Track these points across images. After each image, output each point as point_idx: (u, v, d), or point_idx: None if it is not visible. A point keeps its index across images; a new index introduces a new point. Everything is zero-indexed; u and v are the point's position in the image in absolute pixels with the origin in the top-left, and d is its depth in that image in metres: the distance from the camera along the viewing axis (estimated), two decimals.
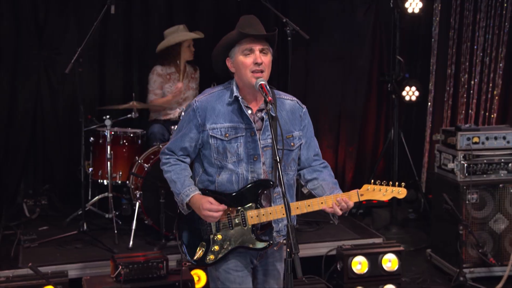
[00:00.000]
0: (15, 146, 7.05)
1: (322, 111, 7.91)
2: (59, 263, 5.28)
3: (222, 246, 3.53)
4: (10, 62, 6.93)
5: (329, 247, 5.79)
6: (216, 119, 3.51)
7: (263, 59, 3.44)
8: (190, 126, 3.56)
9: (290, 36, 5.97)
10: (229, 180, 3.52)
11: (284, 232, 3.63)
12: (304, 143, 3.68)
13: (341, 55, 7.88)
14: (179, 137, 3.60)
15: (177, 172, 3.57)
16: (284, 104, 3.64)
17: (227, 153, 3.50)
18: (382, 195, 3.47)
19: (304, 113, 3.70)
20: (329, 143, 7.95)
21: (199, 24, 7.36)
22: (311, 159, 3.71)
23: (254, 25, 3.50)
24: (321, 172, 3.71)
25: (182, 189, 3.52)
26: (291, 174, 3.64)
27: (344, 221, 6.52)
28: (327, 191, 3.58)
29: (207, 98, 3.56)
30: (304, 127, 3.68)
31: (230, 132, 3.50)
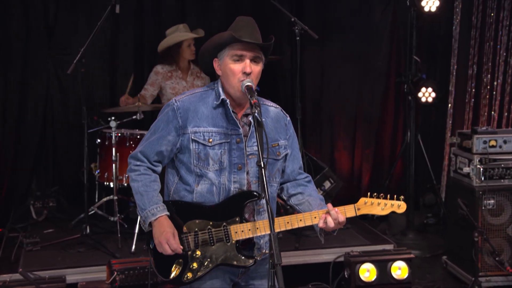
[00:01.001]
0: (25, 147, 7.02)
1: (338, 113, 7.73)
2: (58, 267, 5.22)
3: (202, 263, 3.24)
4: (20, 62, 6.90)
5: (337, 254, 5.61)
6: (199, 122, 3.26)
7: (253, 68, 3.19)
8: (169, 127, 3.28)
9: (299, 35, 5.78)
10: (209, 191, 3.26)
11: (265, 248, 3.40)
12: (290, 154, 3.45)
13: (358, 55, 7.69)
14: (154, 140, 3.30)
15: (145, 184, 3.28)
16: (268, 111, 3.40)
17: (209, 160, 3.25)
18: (381, 209, 3.25)
19: (289, 122, 3.47)
20: (345, 145, 7.77)
21: (212, 23, 7.28)
22: (296, 172, 3.49)
23: (249, 29, 3.22)
24: (306, 186, 3.49)
25: (149, 206, 3.23)
26: (275, 186, 3.41)
27: (355, 226, 6.35)
28: (315, 207, 3.35)
29: (189, 98, 3.31)
30: (290, 137, 3.44)
31: (214, 137, 3.25)
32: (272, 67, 7.29)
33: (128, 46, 7.25)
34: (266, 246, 3.40)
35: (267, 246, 3.40)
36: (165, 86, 6.45)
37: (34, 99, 7.01)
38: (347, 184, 7.78)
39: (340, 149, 7.75)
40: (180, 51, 6.44)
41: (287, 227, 3.27)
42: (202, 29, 6.76)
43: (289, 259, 5.56)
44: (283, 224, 3.26)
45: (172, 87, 6.44)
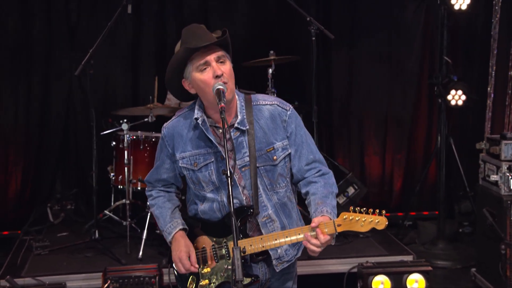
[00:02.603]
0: (48, 150, 7.05)
1: (367, 116, 7.45)
2: (61, 273, 5.15)
3: (210, 281, 3.16)
4: (42, 64, 6.91)
5: (352, 264, 5.33)
6: (184, 146, 3.15)
7: (223, 68, 3.00)
8: (162, 156, 3.25)
9: (314, 35, 5.54)
10: (211, 209, 3.17)
11: (286, 257, 3.23)
12: (294, 153, 3.17)
13: (388, 56, 7.39)
14: (154, 169, 3.32)
15: (159, 206, 3.30)
16: (262, 111, 3.15)
17: (202, 183, 3.15)
18: (360, 226, 2.93)
19: (290, 116, 3.15)
20: (375, 150, 7.48)
21: (236, 24, 7.15)
22: (303, 170, 3.19)
23: (199, 34, 3.03)
24: (314, 183, 3.17)
25: (165, 226, 3.23)
26: (281, 191, 3.19)
27: (376, 235, 6.05)
28: (313, 208, 3.09)
29: (173, 123, 3.20)
30: (291, 133, 3.15)
31: (198, 160, 3.12)
32: (298, 67, 7.09)
33: (150, 47, 7.16)
34: (287, 254, 3.23)
35: (288, 253, 3.24)
36: None
37: (56, 101, 7.03)
38: (378, 190, 7.55)
39: (370, 154, 7.46)
40: None
41: (275, 244, 3.06)
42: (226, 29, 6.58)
43: (301, 269, 5.20)
44: (272, 242, 3.06)
45: None
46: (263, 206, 3.14)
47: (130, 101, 7.07)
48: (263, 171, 3.12)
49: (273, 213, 3.16)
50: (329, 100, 7.42)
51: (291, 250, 3.25)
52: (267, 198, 3.15)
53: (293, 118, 3.17)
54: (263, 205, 3.14)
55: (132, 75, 7.15)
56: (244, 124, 3.08)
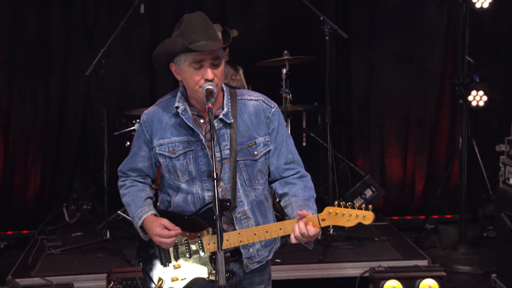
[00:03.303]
0: (66, 149, 7.09)
1: (388, 117, 7.32)
2: (71, 273, 5.13)
3: (181, 276, 3.08)
4: (60, 64, 6.94)
5: (364, 268, 5.23)
6: (163, 133, 3.07)
7: (215, 72, 2.93)
8: (139, 143, 3.15)
9: (328, 35, 5.44)
10: (184, 201, 3.08)
11: (257, 258, 3.16)
12: (273, 150, 3.12)
13: (409, 56, 7.23)
14: (129, 157, 3.21)
15: (132, 194, 3.18)
16: (247, 106, 3.11)
17: (178, 172, 3.06)
18: (346, 220, 2.86)
19: (274, 113, 3.12)
20: (396, 152, 7.34)
21: (254, 22, 7.09)
22: (281, 168, 3.13)
23: (202, 29, 2.94)
24: (293, 185, 3.12)
25: (135, 212, 3.11)
26: (259, 188, 3.13)
27: (392, 238, 5.96)
28: (295, 209, 3.01)
29: (154, 109, 3.13)
30: (273, 130, 3.11)
31: (177, 147, 3.04)
32: (318, 67, 7.00)
33: None
34: (259, 254, 3.17)
35: (260, 254, 3.17)
36: None
37: (74, 101, 7.07)
38: (399, 192, 7.41)
39: (391, 155, 7.33)
40: None
41: (254, 239, 3.01)
42: (244, 29, 6.57)
43: (312, 272, 5.26)
44: (251, 236, 3.00)
45: None
46: (240, 201, 3.07)
47: (148, 101, 7.02)
48: (242, 165, 3.06)
49: (249, 210, 3.09)
50: (349, 101, 7.32)
51: (263, 250, 3.18)
52: (244, 194, 3.08)
53: (277, 116, 3.14)
54: (240, 201, 3.07)
55: (150, 75, 7.14)
56: (229, 117, 3.03)
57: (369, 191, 6.54)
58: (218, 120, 3.02)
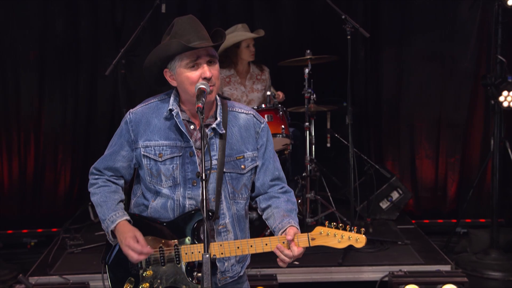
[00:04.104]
0: (95, 148, 7.13)
1: (419, 117, 7.17)
2: (88, 272, 5.12)
3: (152, 284, 2.99)
4: (89, 64, 7.01)
5: (385, 272, 5.10)
6: (150, 135, 2.99)
7: (212, 71, 2.89)
8: (121, 142, 3.06)
9: (350, 34, 5.33)
10: (163, 206, 3.00)
11: (230, 273, 3.10)
12: (261, 166, 3.10)
13: (441, 55, 7.06)
14: (108, 155, 3.10)
15: (104, 194, 3.07)
16: (237, 118, 3.07)
17: (162, 176, 2.99)
18: (337, 242, 2.80)
19: (263, 129, 3.10)
20: (427, 153, 7.18)
21: (281, 22, 7.01)
22: (267, 185, 3.11)
23: (195, 30, 2.89)
24: (277, 198, 3.10)
25: (108, 214, 3.00)
26: (241, 203, 3.08)
27: (417, 242, 5.81)
28: (277, 220, 2.98)
29: (142, 109, 3.05)
30: (262, 146, 3.09)
31: (164, 151, 2.98)
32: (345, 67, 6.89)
33: None
34: (233, 269, 3.11)
35: (234, 269, 3.12)
36: (224, 92, 6.22)
37: (102, 100, 7.14)
38: (430, 195, 7.26)
39: (422, 157, 7.17)
40: (238, 52, 6.16)
41: (237, 252, 2.94)
42: (271, 28, 6.51)
43: (331, 276, 5.16)
44: (233, 249, 2.93)
45: (230, 94, 6.20)
46: (222, 213, 3.02)
47: None
48: (228, 177, 3.01)
49: (229, 223, 3.05)
50: (378, 102, 7.19)
51: (236, 266, 3.12)
52: (227, 207, 3.03)
53: (265, 132, 3.12)
54: (222, 213, 3.02)
55: None
56: (221, 128, 2.99)
57: (396, 194, 6.40)
58: (210, 129, 2.97)
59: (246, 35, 6.13)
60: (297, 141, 6.03)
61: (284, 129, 5.56)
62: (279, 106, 5.68)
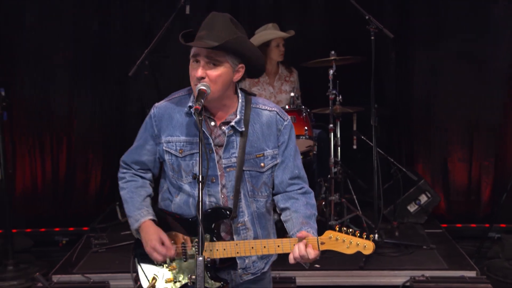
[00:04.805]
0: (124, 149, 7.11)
1: (451, 120, 7.01)
2: (110, 271, 5.18)
3: (175, 278, 3.05)
4: (120, 65, 7.07)
5: (407, 277, 5.01)
6: (172, 130, 3.01)
7: (209, 72, 2.84)
8: (146, 136, 3.11)
9: (374, 35, 5.25)
10: (185, 203, 3.03)
11: (252, 269, 3.11)
12: (280, 163, 3.06)
13: (474, 55, 6.88)
14: (133, 149, 3.16)
15: (131, 190, 3.13)
16: (260, 115, 3.04)
17: (182, 172, 3.01)
18: (346, 247, 2.76)
19: (286, 126, 3.05)
20: (460, 156, 7.01)
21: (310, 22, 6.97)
22: (285, 183, 3.07)
23: (213, 28, 2.85)
24: (296, 200, 3.05)
25: (133, 212, 3.07)
26: (262, 200, 3.07)
27: (444, 246, 5.69)
28: (296, 226, 2.95)
29: (166, 104, 3.07)
30: (283, 143, 3.05)
31: (185, 147, 2.99)
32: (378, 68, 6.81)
33: None
34: (255, 266, 3.12)
35: (255, 266, 3.12)
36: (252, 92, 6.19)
37: (133, 101, 7.21)
38: (463, 199, 7.09)
39: (454, 160, 7.01)
40: (268, 51, 6.13)
41: (251, 252, 2.94)
42: (300, 29, 6.47)
43: (351, 279, 5.09)
44: (247, 249, 2.93)
45: (259, 94, 6.17)
46: (241, 211, 3.02)
47: None
48: (247, 176, 3.00)
49: (248, 221, 3.04)
50: (409, 103, 7.08)
51: (259, 262, 3.13)
52: (246, 205, 3.03)
53: (288, 129, 3.07)
54: (241, 211, 3.02)
55: None
56: (241, 125, 2.97)
57: (424, 197, 6.28)
58: (229, 127, 2.97)
59: (277, 33, 6.10)
60: (323, 143, 5.97)
61: (307, 131, 5.50)
62: (302, 107, 5.63)
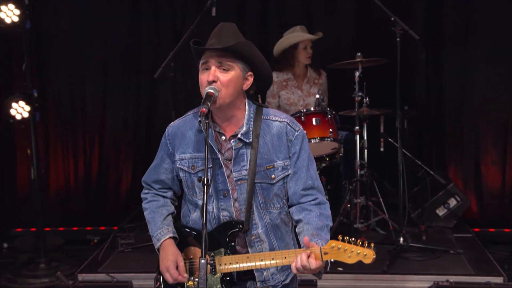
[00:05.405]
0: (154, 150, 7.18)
1: (484, 122, 6.86)
2: (134, 271, 5.24)
3: None
4: (150, 67, 7.11)
5: (430, 282, 4.92)
6: (185, 148, 3.03)
7: (220, 76, 2.84)
8: (162, 155, 3.14)
9: (399, 36, 5.18)
10: (201, 218, 2.97)
11: (271, 281, 3.07)
12: (292, 174, 3.01)
13: (508, 55, 6.72)
14: (152, 168, 3.19)
15: (152, 210, 3.17)
16: (270, 127, 3.00)
17: (196, 188, 3.02)
18: (347, 257, 2.70)
19: (297, 137, 3.00)
20: (494, 159, 6.86)
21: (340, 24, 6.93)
22: (298, 194, 3.02)
23: (222, 36, 2.89)
24: (309, 212, 2.99)
25: (155, 232, 3.11)
26: (274, 212, 3.03)
27: (472, 251, 5.58)
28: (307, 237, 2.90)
29: (179, 123, 3.10)
30: (294, 154, 3.00)
31: (196, 163, 3.00)
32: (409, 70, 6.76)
33: None
34: (274, 278, 3.08)
35: (275, 278, 3.08)
36: (281, 96, 6.19)
37: (162, 102, 7.24)
38: (497, 203, 6.93)
39: (487, 163, 6.86)
40: (296, 53, 6.11)
41: (261, 265, 2.92)
42: (328, 31, 6.43)
43: (374, 283, 5.03)
44: (258, 262, 2.92)
45: (287, 98, 6.16)
46: (254, 224, 3.00)
47: None
48: (259, 188, 2.97)
49: (262, 233, 3.01)
50: (440, 105, 6.95)
51: (278, 275, 3.08)
52: (259, 217, 3.00)
53: (300, 139, 3.01)
54: (254, 223, 3.00)
55: None
56: (248, 137, 2.95)
57: (453, 201, 6.15)
58: (236, 139, 2.96)
59: (304, 36, 6.07)
60: (349, 145, 5.92)
61: (332, 133, 5.46)
62: (327, 109, 5.59)
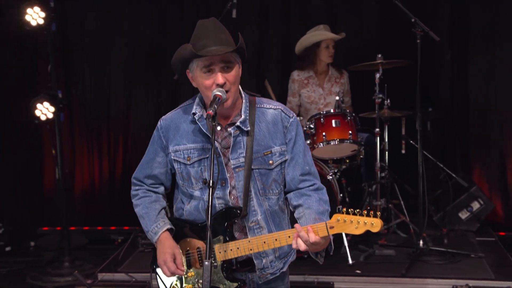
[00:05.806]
0: None
1: (510, 124, 6.74)
2: None
3: (194, 285, 3.07)
4: None
5: (450, 285, 4.86)
6: (179, 140, 3.06)
7: (227, 76, 2.89)
8: (155, 148, 3.15)
9: (420, 38, 5.14)
10: (196, 208, 3.06)
11: (270, 269, 3.10)
12: (290, 160, 3.06)
13: None
14: (144, 163, 3.19)
15: (145, 205, 3.18)
16: (265, 114, 3.06)
17: (192, 179, 3.05)
18: (354, 228, 2.72)
19: (292, 123, 3.06)
20: None
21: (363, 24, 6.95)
22: (297, 179, 3.06)
23: (212, 34, 2.92)
24: (308, 197, 3.04)
25: (150, 226, 3.13)
26: (273, 198, 3.06)
27: (493, 255, 5.51)
28: (309, 223, 2.91)
29: (172, 115, 3.15)
30: (290, 140, 3.05)
31: (192, 154, 3.03)
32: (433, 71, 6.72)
33: (274, 50, 7.17)
34: (273, 266, 3.12)
35: (273, 266, 3.12)
36: (301, 94, 6.20)
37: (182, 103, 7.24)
38: None
39: None
40: (318, 52, 6.13)
41: (264, 247, 2.94)
42: (351, 32, 6.41)
43: (393, 286, 4.98)
44: (260, 244, 2.94)
45: (308, 96, 6.16)
46: (253, 210, 3.02)
47: None
48: (257, 174, 3.01)
49: (262, 220, 3.04)
50: (465, 107, 6.86)
51: (276, 262, 3.11)
52: (258, 203, 3.03)
53: (295, 126, 3.08)
54: (253, 210, 3.02)
55: (256, 79, 7.15)
56: (246, 125, 2.99)
57: (476, 204, 6.07)
58: (235, 127, 3.00)
59: (327, 35, 6.08)
60: (370, 147, 5.89)
61: (351, 135, 5.43)
62: (347, 111, 5.56)
